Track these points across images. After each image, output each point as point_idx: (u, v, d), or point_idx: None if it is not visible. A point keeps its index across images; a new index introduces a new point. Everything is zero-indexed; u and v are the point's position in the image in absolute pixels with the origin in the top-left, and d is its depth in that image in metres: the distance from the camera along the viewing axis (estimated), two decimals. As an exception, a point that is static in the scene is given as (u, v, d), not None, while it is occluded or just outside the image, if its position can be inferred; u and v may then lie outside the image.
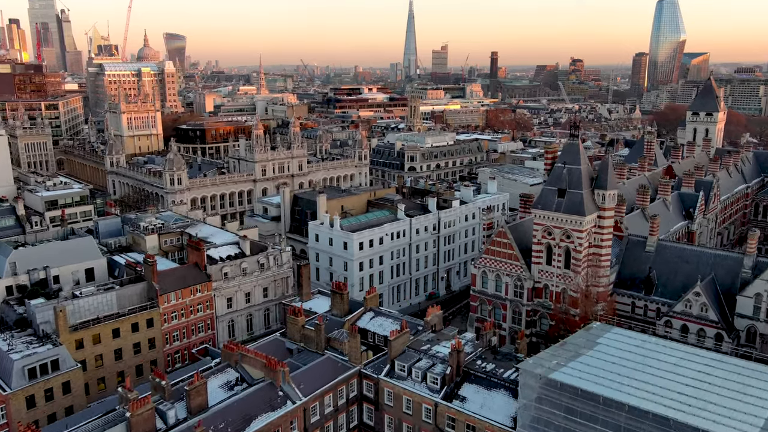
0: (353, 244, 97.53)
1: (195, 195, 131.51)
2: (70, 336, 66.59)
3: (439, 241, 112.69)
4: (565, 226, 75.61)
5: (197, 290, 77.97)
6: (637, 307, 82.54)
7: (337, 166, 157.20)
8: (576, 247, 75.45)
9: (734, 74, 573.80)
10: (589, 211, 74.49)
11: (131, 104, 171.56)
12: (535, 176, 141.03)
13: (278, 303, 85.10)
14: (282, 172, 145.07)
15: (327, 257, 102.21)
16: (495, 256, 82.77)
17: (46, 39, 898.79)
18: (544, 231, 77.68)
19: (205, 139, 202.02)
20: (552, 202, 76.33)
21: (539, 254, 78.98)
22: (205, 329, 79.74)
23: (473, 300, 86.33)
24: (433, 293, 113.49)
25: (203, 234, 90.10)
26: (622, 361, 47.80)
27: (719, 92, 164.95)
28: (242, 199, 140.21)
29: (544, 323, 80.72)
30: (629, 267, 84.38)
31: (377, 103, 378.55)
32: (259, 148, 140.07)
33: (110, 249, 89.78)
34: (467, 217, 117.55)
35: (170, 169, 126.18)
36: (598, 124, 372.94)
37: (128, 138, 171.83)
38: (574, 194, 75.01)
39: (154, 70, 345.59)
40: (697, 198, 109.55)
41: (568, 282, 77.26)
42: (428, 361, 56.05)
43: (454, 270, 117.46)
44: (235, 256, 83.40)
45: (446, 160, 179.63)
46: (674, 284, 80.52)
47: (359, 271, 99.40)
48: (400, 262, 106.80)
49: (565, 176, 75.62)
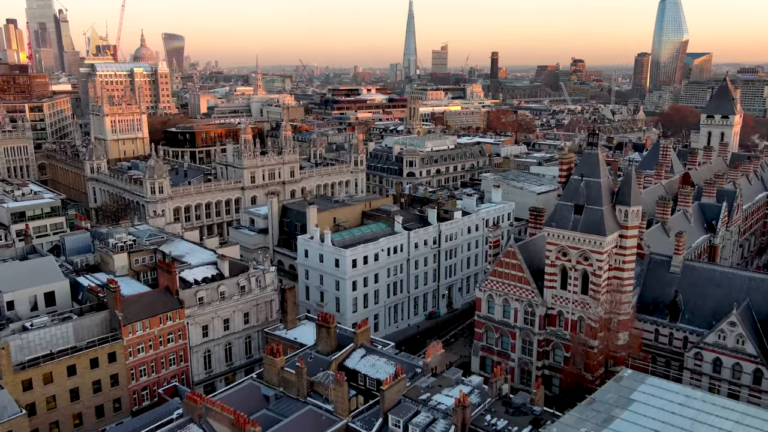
0: (345, 261, 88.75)
1: (178, 204, 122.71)
2: (15, 377, 57.86)
3: (440, 256, 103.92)
4: (583, 247, 66.85)
5: (168, 318, 69.19)
6: (661, 335, 73.78)
7: (331, 172, 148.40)
8: (595, 271, 66.67)
9: (738, 75, 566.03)
10: (610, 230, 65.73)
11: (115, 106, 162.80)
12: (542, 183, 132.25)
13: (261, 330, 76.33)
14: (273, 179, 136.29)
15: (317, 275, 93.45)
16: (503, 278, 73.97)
17: (43, 39, 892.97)
18: (559, 252, 68.91)
19: (195, 142, 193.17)
20: (568, 220, 67.57)
21: (553, 278, 70.20)
22: (178, 362, 70.97)
23: (478, 326, 77.51)
24: (433, 312, 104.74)
25: (178, 252, 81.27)
26: (665, 428, 38.98)
27: (735, 94, 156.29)
28: (230, 208, 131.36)
29: (558, 355, 71.91)
30: (652, 290, 75.65)
31: (376, 105, 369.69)
32: (247, 154, 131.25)
33: (76, 268, 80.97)
34: (470, 229, 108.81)
35: (151, 176, 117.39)
36: (602, 126, 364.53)
37: (112, 142, 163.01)
38: (593, 211, 66.25)
39: (147, 71, 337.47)
40: (719, 209, 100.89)
41: (586, 309, 68.47)
42: (428, 415, 47.28)
43: (456, 286, 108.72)
44: (212, 278, 74.60)
45: (447, 165, 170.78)
46: (703, 310, 71.82)
47: (352, 290, 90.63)
48: (397, 280, 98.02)
49: (583, 190, 66.87)
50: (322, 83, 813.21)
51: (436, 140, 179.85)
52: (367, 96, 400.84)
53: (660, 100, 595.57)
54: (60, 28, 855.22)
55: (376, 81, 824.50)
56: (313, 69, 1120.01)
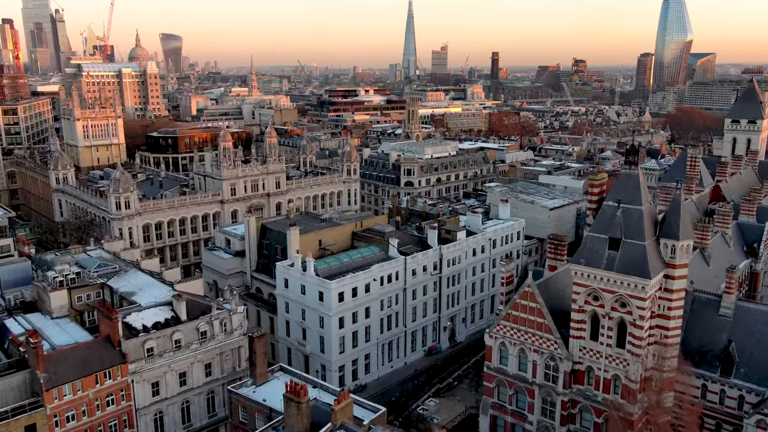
0: (331, 295, 75.66)
1: (148, 221, 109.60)
2: None
3: (441, 283, 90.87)
4: (620, 291, 53.82)
5: (107, 376, 56.22)
6: (710, 391, 60.67)
7: (322, 183, 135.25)
8: (635, 320, 53.64)
9: (743, 75, 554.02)
10: (654, 270, 52.73)
11: (88, 110, 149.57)
12: (554, 196, 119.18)
13: (226, 383, 63.29)
14: (256, 190, 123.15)
15: (299, 308, 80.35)
16: (518, 324, 60.93)
17: (40, 39, 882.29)
18: (589, 295, 55.87)
19: (178, 148, 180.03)
20: (601, 257, 54.52)
21: (581, 326, 57.16)
22: (120, 428, 57.92)
23: (488, 380, 64.39)
24: (433, 348, 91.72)
25: (129, 288, 68.20)
26: None
27: (763, 96, 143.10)
28: (207, 224, 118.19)
29: (586, 419, 58.81)
30: (697, 336, 62.46)
31: (374, 106, 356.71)
32: (227, 164, 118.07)
33: (8, 307, 68.04)
34: (475, 251, 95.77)
35: (116, 189, 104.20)
36: (607, 128, 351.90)
37: (84, 148, 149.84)
38: (633, 246, 53.24)
39: (136, 71, 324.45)
40: (761, 230, 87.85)
41: (623, 366, 55.41)
42: None
43: (460, 317, 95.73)
44: (165, 322, 61.52)
45: (448, 173, 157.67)
46: (764, 363, 58.80)
47: (339, 328, 77.56)
48: (392, 312, 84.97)
49: (620, 220, 53.87)
50: (321, 83, 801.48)
51: (436, 146, 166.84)
52: (364, 97, 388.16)
53: (664, 101, 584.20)
54: (56, 28, 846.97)
55: (375, 81, 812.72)
56: (312, 69, 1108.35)
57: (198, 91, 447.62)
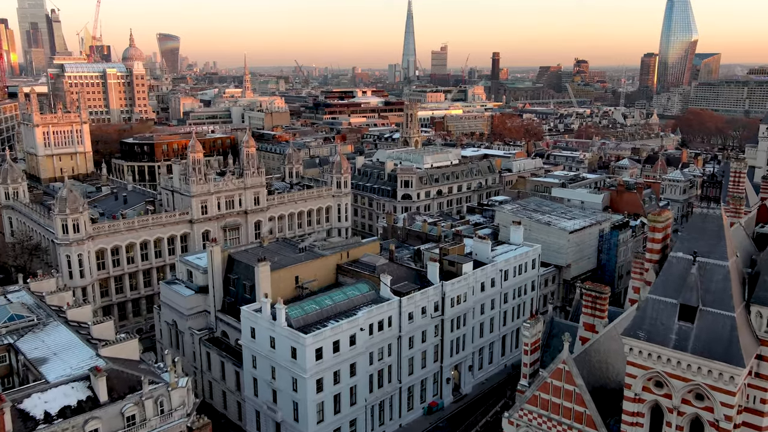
0: (305, 352, 60.21)
1: (102, 246, 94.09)
2: None
3: (444, 327, 75.46)
4: (697, 379, 38.43)
5: (-14, 491, 40.87)
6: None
7: (308, 197, 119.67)
8: (719, 421, 38.22)
9: (749, 76, 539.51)
10: (748, 353, 37.35)
11: (49, 115, 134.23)
12: (573, 215, 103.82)
13: (162, 482, 47.96)
14: (231, 207, 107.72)
15: (268, 365, 64.98)
16: (547, 410, 45.51)
17: (35, 39, 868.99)
18: (650, 380, 40.47)
19: (154, 155, 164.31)
20: (668, 330, 39.14)
21: (637, 419, 41.71)
22: None
23: (507, 478, 48.90)
24: (434, 404, 76.19)
25: (41, 352, 52.76)
26: None
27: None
28: (174, 247, 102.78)
29: None
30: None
31: (371, 108, 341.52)
32: (196, 177, 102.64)
33: None
34: (484, 286, 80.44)
35: (62, 210, 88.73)
36: (614, 131, 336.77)
37: (45, 158, 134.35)
38: (717, 318, 37.87)
39: (121, 72, 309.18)
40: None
41: (697, 479, 40.02)
42: None
43: (466, 364, 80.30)
44: (78, 405, 46.14)
45: (450, 184, 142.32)
46: None
47: (317, 393, 62.11)
48: (383, 366, 69.51)
49: (696, 281, 38.49)
50: (319, 84, 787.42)
51: (436, 154, 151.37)
52: (361, 99, 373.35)
53: (668, 102, 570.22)
54: (52, 28, 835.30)
55: (374, 82, 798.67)
56: (311, 70, 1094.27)
57: (193, 93, 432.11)
